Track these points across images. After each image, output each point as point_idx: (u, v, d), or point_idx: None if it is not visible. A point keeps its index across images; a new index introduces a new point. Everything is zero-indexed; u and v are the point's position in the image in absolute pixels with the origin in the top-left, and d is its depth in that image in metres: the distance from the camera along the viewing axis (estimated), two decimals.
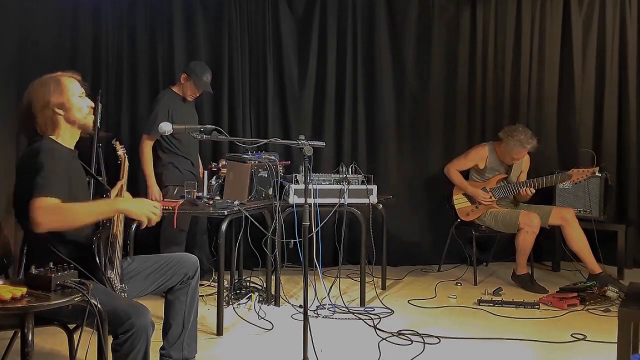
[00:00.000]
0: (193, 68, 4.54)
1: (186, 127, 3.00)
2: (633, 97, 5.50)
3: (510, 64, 5.66)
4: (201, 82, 4.52)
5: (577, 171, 4.79)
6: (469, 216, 5.04)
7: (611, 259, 5.07)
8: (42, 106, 2.56)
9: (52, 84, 2.59)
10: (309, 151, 2.93)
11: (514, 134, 4.85)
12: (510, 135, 4.87)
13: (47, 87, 2.58)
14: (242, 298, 4.29)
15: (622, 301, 2.66)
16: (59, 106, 2.58)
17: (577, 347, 3.54)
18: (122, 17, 5.26)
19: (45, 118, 2.56)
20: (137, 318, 2.36)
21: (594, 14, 5.54)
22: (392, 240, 5.18)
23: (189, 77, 4.51)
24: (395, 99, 5.65)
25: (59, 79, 2.62)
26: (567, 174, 4.80)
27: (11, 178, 4.21)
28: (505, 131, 4.94)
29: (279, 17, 5.50)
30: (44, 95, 2.57)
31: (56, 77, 2.62)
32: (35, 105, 2.56)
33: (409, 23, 5.62)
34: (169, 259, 2.89)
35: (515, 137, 4.83)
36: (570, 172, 4.80)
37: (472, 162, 5.08)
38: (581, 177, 4.77)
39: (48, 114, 2.56)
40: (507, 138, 4.88)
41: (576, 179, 4.78)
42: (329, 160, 5.51)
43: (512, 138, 4.84)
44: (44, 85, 2.59)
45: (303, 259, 2.94)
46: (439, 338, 3.62)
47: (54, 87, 2.59)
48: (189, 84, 4.53)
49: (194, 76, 4.50)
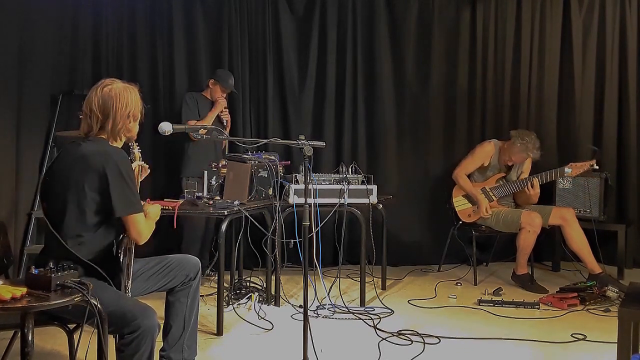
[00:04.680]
0: (219, 74, 5.03)
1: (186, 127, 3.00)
2: (633, 97, 5.50)
3: (510, 64, 5.66)
4: (227, 85, 4.98)
5: (575, 165, 4.81)
6: (471, 217, 5.03)
7: (611, 259, 5.07)
8: (125, 113, 2.59)
9: (134, 93, 2.64)
10: (309, 151, 2.93)
11: (525, 137, 4.87)
12: (521, 137, 4.88)
13: (131, 95, 2.62)
14: (242, 298, 4.29)
15: (622, 301, 2.66)
16: (134, 117, 2.64)
17: (577, 347, 3.54)
18: (122, 18, 5.26)
19: (124, 124, 2.61)
20: (144, 319, 2.37)
21: (594, 14, 5.54)
22: (392, 240, 5.18)
23: (216, 81, 4.97)
24: (395, 99, 5.66)
25: (135, 90, 2.66)
26: (567, 168, 4.82)
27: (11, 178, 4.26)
28: (519, 132, 4.96)
29: (279, 17, 5.51)
30: (127, 102, 2.60)
31: (132, 87, 2.66)
32: (118, 108, 2.57)
33: (409, 23, 5.62)
34: (171, 260, 2.89)
35: (525, 141, 4.85)
36: (569, 166, 4.82)
37: (480, 160, 5.03)
38: (579, 170, 4.79)
39: (126, 122, 2.61)
40: (516, 138, 4.89)
41: (575, 173, 4.80)
42: (329, 160, 5.52)
43: (522, 140, 4.85)
44: (128, 92, 2.62)
45: (303, 259, 2.94)
46: (439, 338, 3.62)
47: (135, 97, 2.64)
48: (216, 88, 4.96)
49: (220, 80, 4.96)
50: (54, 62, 4.77)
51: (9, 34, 4.22)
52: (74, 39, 5.03)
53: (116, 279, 2.52)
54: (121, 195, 2.47)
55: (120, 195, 2.47)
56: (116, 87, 2.60)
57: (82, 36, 5.10)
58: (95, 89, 2.60)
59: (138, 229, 2.55)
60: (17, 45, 4.31)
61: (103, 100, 2.56)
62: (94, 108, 2.56)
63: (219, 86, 4.95)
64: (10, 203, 4.27)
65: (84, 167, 2.48)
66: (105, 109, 2.56)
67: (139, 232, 2.55)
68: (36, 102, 4.60)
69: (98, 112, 2.56)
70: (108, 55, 5.23)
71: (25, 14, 4.39)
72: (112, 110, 2.56)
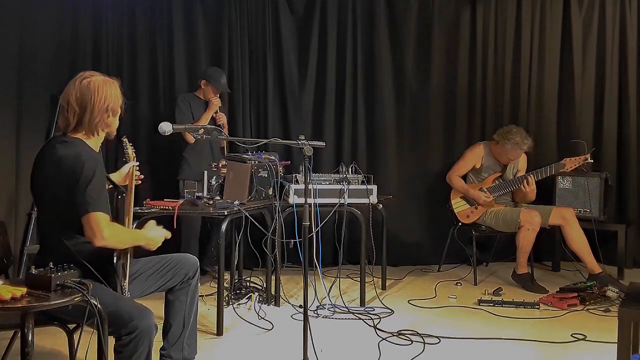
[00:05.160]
0: (210, 73, 4.90)
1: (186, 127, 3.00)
2: (633, 97, 5.50)
3: (510, 64, 5.66)
4: (220, 85, 4.86)
5: (570, 160, 4.81)
6: (470, 218, 5.03)
7: (611, 259, 5.07)
8: (104, 107, 2.52)
9: (113, 87, 2.58)
10: (309, 151, 2.93)
11: (509, 136, 4.86)
12: (505, 138, 4.87)
13: (110, 89, 2.55)
14: (242, 298, 4.29)
15: (622, 301, 2.66)
16: (113, 111, 2.58)
17: (577, 347, 3.54)
18: (122, 18, 5.25)
19: (101, 119, 2.54)
20: (141, 320, 2.37)
21: (594, 14, 5.54)
22: (392, 240, 5.18)
23: (208, 82, 4.85)
24: (395, 99, 5.66)
25: (115, 84, 2.60)
26: (561, 163, 4.83)
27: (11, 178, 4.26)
28: (500, 134, 4.94)
29: (279, 17, 5.50)
30: (107, 95, 2.54)
31: (112, 81, 2.60)
32: (96, 101, 2.50)
33: (409, 23, 5.62)
34: (169, 259, 2.89)
35: (511, 140, 4.84)
36: (564, 161, 4.83)
37: (471, 163, 5.09)
38: (574, 164, 4.80)
39: (104, 117, 2.54)
40: (503, 141, 4.89)
41: (570, 167, 4.81)
42: (329, 160, 5.52)
43: (509, 141, 4.85)
44: (107, 85, 2.56)
45: (303, 259, 2.94)
46: (439, 338, 3.62)
47: (115, 91, 2.58)
48: (208, 88, 4.86)
49: (212, 81, 4.84)
50: (54, 62, 4.77)
51: (9, 34, 4.22)
52: (74, 39, 5.02)
53: (111, 280, 2.52)
54: (82, 195, 2.40)
55: (81, 195, 2.40)
56: (95, 80, 2.54)
57: (82, 36, 5.09)
58: (73, 82, 2.54)
59: (93, 228, 2.40)
60: (17, 45, 4.31)
61: (81, 93, 2.50)
62: (72, 101, 2.50)
63: (210, 86, 4.86)
64: (10, 203, 4.27)
65: (57, 171, 2.46)
66: (83, 102, 2.49)
67: (93, 232, 2.40)
68: (36, 102, 4.59)
69: (75, 105, 2.50)
70: (108, 55, 5.23)
71: (25, 14, 4.39)
72: (90, 103, 2.49)
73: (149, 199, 3.98)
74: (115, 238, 2.48)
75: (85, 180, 2.41)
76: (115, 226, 2.50)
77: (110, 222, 2.46)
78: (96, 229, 2.40)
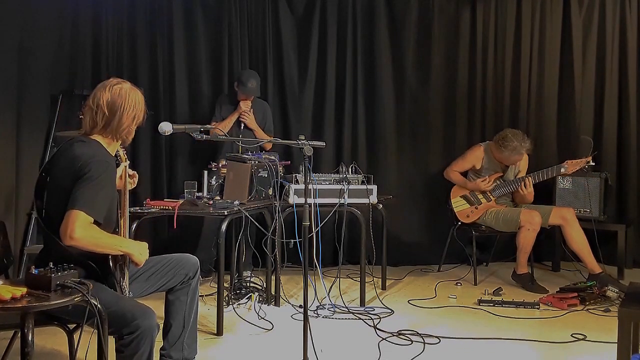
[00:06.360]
0: (239, 76, 4.95)
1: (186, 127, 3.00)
2: (633, 97, 5.50)
3: (510, 64, 5.65)
4: (245, 89, 4.84)
5: (571, 162, 4.81)
6: (469, 217, 5.03)
7: (611, 259, 5.07)
8: (132, 115, 2.60)
9: (140, 97, 2.65)
10: (309, 151, 2.93)
11: (506, 143, 4.84)
12: (503, 146, 4.85)
13: (137, 98, 2.63)
14: (242, 298, 4.29)
15: (622, 301, 2.66)
16: (138, 121, 2.64)
17: (577, 347, 3.54)
18: (122, 18, 5.25)
19: (128, 127, 2.60)
20: (143, 320, 2.37)
21: (594, 14, 5.54)
22: (392, 240, 5.18)
23: (238, 84, 4.89)
24: (395, 99, 5.65)
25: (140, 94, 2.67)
26: (563, 166, 4.82)
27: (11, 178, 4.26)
28: (497, 141, 4.92)
29: (279, 17, 5.50)
30: (135, 104, 2.61)
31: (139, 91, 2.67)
32: (125, 109, 2.57)
33: (409, 23, 5.61)
34: (170, 260, 2.90)
35: (509, 147, 4.83)
36: (565, 163, 4.83)
37: (470, 163, 5.10)
38: (575, 167, 4.79)
39: (131, 125, 2.61)
40: (500, 148, 4.88)
41: (571, 170, 4.80)
42: (329, 160, 5.51)
43: (507, 148, 4.84)
44: (135, 94, 2.63)
45: (303, 259, 2.94)
46: (439, 338, 3.62)
47: (141, 101, 2.65)
48: (239, 92, 4.89)
49: (240, 84, 4.87)
50: (54, 62, 4.77)
51: (9, 34, 4.22)
52: (74, 39, 5.02)
53: (109, 280, 2.51)
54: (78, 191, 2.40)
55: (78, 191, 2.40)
56: (126, 87, 2.62)
57: (82, 36, 5.09)
58: (104, 86, 2.60)
59: (67, 225, 2.35)
60: (17, 45, 4.31)
61: (112, 99, 2.57)
62: (102, 104, 2.56)
63: (239, 90, 4.89)
64: (10, 203, 4.27)
65: (70, 167, 2.47)
66: (114, 107, 2.56)
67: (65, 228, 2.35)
68: (36, 102, 4.59)
69: (106, 108, 2.56)
70: (108, 55, 5.22)
71: (25, 14, 4.39)
72: (120, 110, 2.56)
73: (148, 199, 3.98)
74: (88, 240, 2.39)
75: (89, 179, 2.42)
76: (93, 229, 2.41)
77: (88, 225, 2.39)
78: (70, 226, 2.34)
